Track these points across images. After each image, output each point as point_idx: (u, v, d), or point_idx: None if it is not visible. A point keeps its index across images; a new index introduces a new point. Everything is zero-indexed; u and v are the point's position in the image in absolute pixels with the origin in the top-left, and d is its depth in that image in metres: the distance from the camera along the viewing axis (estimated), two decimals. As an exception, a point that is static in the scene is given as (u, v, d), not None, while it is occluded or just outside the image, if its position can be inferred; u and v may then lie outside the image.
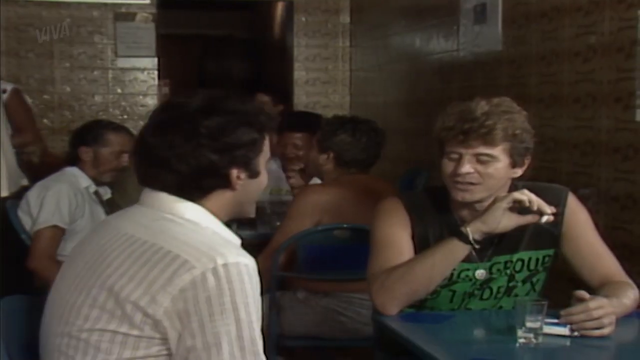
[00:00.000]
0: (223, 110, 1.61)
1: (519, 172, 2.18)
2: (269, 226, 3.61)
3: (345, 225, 2.97)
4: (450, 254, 2.11)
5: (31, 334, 1.74)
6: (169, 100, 1.66)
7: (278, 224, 3.41)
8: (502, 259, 2.22)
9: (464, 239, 2.08)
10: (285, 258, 3.05)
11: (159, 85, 6.27)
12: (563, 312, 1.96)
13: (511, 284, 2.24)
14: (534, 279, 2.27)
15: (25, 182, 4.15)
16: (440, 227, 2.24)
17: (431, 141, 2.26)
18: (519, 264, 2.23)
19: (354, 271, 2.68)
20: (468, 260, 2.19)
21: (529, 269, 2.25)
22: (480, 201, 2.17)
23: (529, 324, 1.90)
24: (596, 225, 2.29)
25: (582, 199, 2.32)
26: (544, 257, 2.26)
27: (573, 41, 3.35)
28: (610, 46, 3.11)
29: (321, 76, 6.46)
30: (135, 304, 1.46)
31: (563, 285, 2.37)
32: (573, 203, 2.26)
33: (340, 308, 3.05)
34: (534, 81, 3.66)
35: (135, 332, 1.47)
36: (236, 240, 1.62)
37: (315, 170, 3.32)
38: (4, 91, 4.21)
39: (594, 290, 2.15)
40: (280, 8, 7.52)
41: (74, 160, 3.50)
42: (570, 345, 1.95)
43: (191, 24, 8.86)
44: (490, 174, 2.12)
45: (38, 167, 4.32)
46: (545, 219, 2.07)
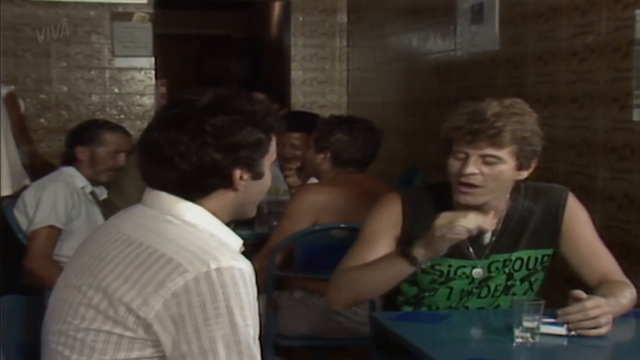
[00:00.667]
0: (230, 109, 1.60)
1: (525, 175, 2.18)
2: (266, 226, 3.61)
3: (342, 225, 2.97)
4: (397, 272, 2.11)
5: (27, 334, 1.74)
6: (178, 96, 1.65)
7: (275, 223, 3.41)
8: (501, 257, 2.22)
9: (411, 260, 2.07)
10: (282, 258, 3.05)
11: (156, 85, 6.26)
12: (560, 312, 1.96)
13: (509, 283, 2.25)
14: (532, 278, 2.28)
15: (27, 182, 4.15)
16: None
17: (429, 140, 2.26)
18: (518, 262, 2.23)
19: (351, 271, 2.68)
20: (465, 257, 2.19)
21: (527, 268, 2.25)
22: (484, 204, 2.17)
23: (526, 324, 1.90)
24: (593, 224, 2.30)
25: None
26: (542, 257, 2.26)
27: (570, 41, 3.36)
28: (607, 46, 3.11)
29: (318, 76, 6.45)
30: (128, 306, 1.46)
31: (561, 285, 2.38)
32: (573, 203, 2.27)
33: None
34: (531, 81, 3.66)
35: (129, 334, 1.47)
36: (235, 243, 1.62)
37: (312, 170, 3.32)
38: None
39: (591, 290, 2.15)
40: (277, 8, 7.52)
41: (70, 160, 3.49)
42: (567, 344, 1.95)
43: (188, 23, 8.85)
44: (494, 176, 2.12)
45: (27, 170, 4.32)
46: (487, 237, 2.08)
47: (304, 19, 6.41)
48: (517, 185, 2.21)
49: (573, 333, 1.96)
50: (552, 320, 1.97)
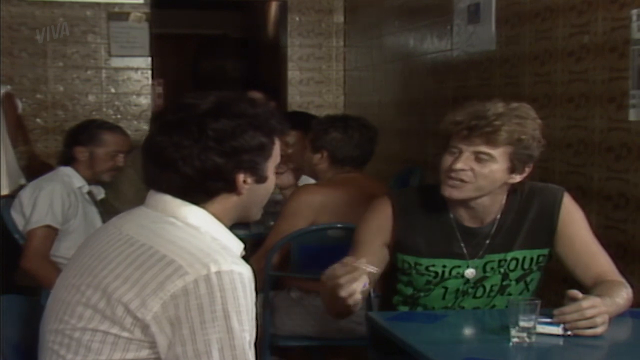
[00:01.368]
0: (232, 113, 1.59)
1: (517, 179, 2.17)
2: (262, 226, 3.61)
3: (339, 225, 2.97)
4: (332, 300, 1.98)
5: (24, 334, 1.74)
6: (180, 100, 1.64)
7: (272, 223, 3.41)
8: (496, 257, 2.22)
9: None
10: (279, 258, 3.05)
11: (152, 84, 6.25)
12: (556, 312, 1.96)
13: (505, 283, 2.25)
14: (528, 279, 2.28)
15: (23, 182, 4.15)
16: (433, 229, 2.24)
17: (425, 140, 2.26)
18: (513, 262, 2.23)
19: (348, 271, 2.68)
20: (459, 257, 2.19)
21: (523, 268, 2.25)
22: (471, 199, 2.17)
23: (522, 323, 1.90)
24: (589, 224, 2.30)
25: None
26: (538, 257, 2.26)
27: (566, 41, 3.36)
28: (603, 46, 3.11)
29: (315, 76, 6.45)
30: (126, 307, 1.46)
31: (556, 284, 2.38)
32: (568, 203, 2.27)
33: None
34: (528, 81, 3.67)
35: (125, 334, 1.46)
36: (237, 247, 1.61)
37: (310, 171, 3.30)
38: None
39: (587, 290, 2.16)
40: (274, 8, 7.52)
41: (68, 160, 3.48)
42: (563, 344, 1.95)
43: (185, 23, 8.84)
44: (484, 175, 2.12)
45: (24, 170, 4.32)
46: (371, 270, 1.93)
47: (301, 19, 6.41)
48: (514, 187, 2.21)
49: (569, 333, 1.96)
50: (548, 320, 1.97)
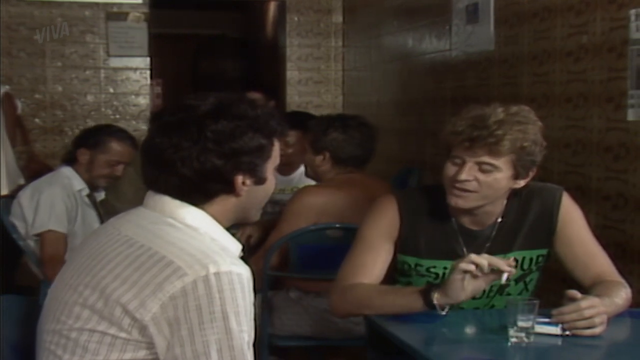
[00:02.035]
0: (232, 114, 1.59)
1: (522, 184, 2.17)
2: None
3: (338, 225, 2.97)
4: (410, 308, 2.05)
5: (22, 334, 1.74)
6: (180, 101, 1.64)
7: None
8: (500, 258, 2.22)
9: (429, 303, 2.00)
10: (278, 258, 3.05)
11: (151, 84, 6.25)
12: (555, 312, 1.96)
13: (507, 282, 2.25)
14: (527, 279, 2.28)
15: (22, 182, 4.14)
16: (435, 231, 2.24)
17: (424, 140, 2.26)
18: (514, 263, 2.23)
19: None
20: (460, 259, 2.19)
21: (522, 269, 2.26)
22: (475, 208, 2.17)
23: (521, 323, 1.91)
24: (588, 224, 2.30)
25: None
26: (537, 257, 2.26)
27: (565, 41, 3.36)
28: (601, 46, 3.12)
29: (314, 76, 6.45)
30: (124, 307, 1.45)
31: (555, 284, 2.38)
32: (567, 203, 2.27)
33: (328, 300, 3.04)
34: (526, 81, 3.67)
35: (123, 335, 1.46)
36: (235, 248, 1.61)
37: (313, 173, 3.28)
38: None
39: (586, 290, 2.16)
40: (272, 8, 7.52)
41: (71, 159, 3.47)
42: (562, 344, 1.95)
43: (184, 23, 8.84)
44: (489, 184, 2.11)
45: (23, 170, 4.32)
46: (505, 277, 1.95)
47: (299, 19, 6.41)
48: (514, 190, 2.21)
49: (567, 333, 1.96)
50: (547, 319, 1.98)
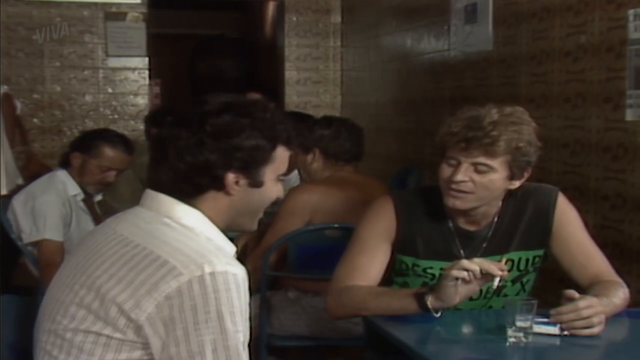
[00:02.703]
0: (236, 112, 1.59)
1: (517, 184, 2.17)
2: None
3: (336, 225, 2.97)
4: (405, 310, 2.05)
5: (19, 334, 1.74)
6: (198, 98, 1.65)
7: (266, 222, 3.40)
8: (492, 259, 2.22)
9: (423, 306, 1.99)
10: (276, 257, 3.05)
11: (149, 84, 6.25)
12: (553, 312, 1.96)
13: (500, 284, 2.24)
14: (524, 280, 2.28)
15: (20, 181, 4.14)
16: (431, 232, 2.24)
17: (422, 140, 2.26)
18: (509, 264, 2.23)
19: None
20: (456, 260, 2.19)
21: (518, 269, 2.25)
22: (472, 209, 2.17)
23: (519, 323, 1.90)
24: (586, 224, 2.30)
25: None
26: (534, 258, 2.26)
27: (563, 41, 3.36)
28: (600, 46, 3.12)
29: (312, 76, 6.45)
30: (120, 307, 1.45)
31: (553, 285, 2.38)
32: (563, 203, 2.27)
33: (325, 301, 3.04)
34: (525, 81, 3.67)
35: (118, 335, 1.46)
36: (231, 248, 1.61)
37: (305, 174, 3.28)
38: None
39: (584, 290, 2.16)
40: (271, 8, 7.52)
41: (65, 162, 3.46)
42: (560, 344, 1.95)
43: (182, 23, 8.84)
44: (484, 185, 2.11)
45: (22, 170, 4.31)
46: (497, 280, 1.95)
47: (298, 19, 6.41)
48: (510, 190, 2.21)
49: (566, 332, 1.96)
50: (545, 319, 1.97)
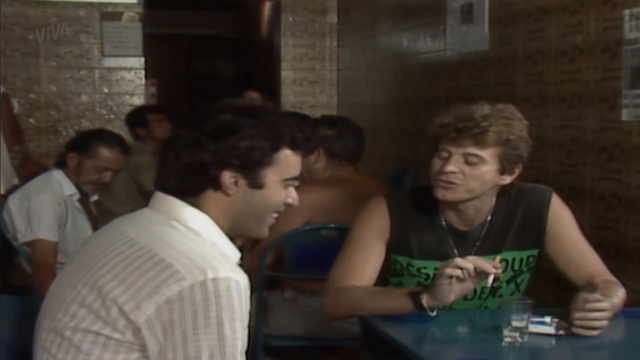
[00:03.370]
0: (239, 111, 1.58)
1: (508, 180, 2.18)
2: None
3: (333, 225, 2.97)
4: (401, 310, 2.06)
5: (16, 334, 1.73)
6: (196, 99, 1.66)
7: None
8: (486, 259, 2.22)
9: (419, 305, 2.00)
10: (273, 257, 3.05)
11: (146, 84, 6.24)
12: (577, 315, 1.95)
13: (495, 284, 2.25)
14: (518, 280, 2.28)
15: (16, 181, 4.13)
16: (425, 231, 2.24)
17: (419, 140, 2.26)
18: (503, 264, 2.23)
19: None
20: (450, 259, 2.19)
21: (513, 270, 2.26)
22: (463, 202, 2.17)
23: (515, 323, 1.91)
24: (581, 224, 2.31)
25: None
26: (528, 258, 2.27)
27: (559, 41, 3.37)
28: (596, 46, 3.12)
29: (308, 76, 6.45)
30: (120, 308, 1.45)
31: (548, 284, 2.39)
32: (556, 203, 2.27)
33: (321, 302, 3.04)
34: (521, 81, 3.67)
35: (117, 336, 1.45)
36: (235, 255, 1.60)
37: (307, 174, 3.28)
38: None
39: (580, 290, 2.16)
40: (267, 8, 7.51)
41: (62, 162, 3.45)
42: (556, 344, 1.96)
43: (178, 23, 8.83)
44: (474, 176, 2.12)
45: (19, 170, 4.30)
46: (491, 278, 1.96)
47: (294, 19, 6.41)
48: (504, 188, 2.21)
49: (561, 332, 1.97)
50: (541, 319, 1.98)
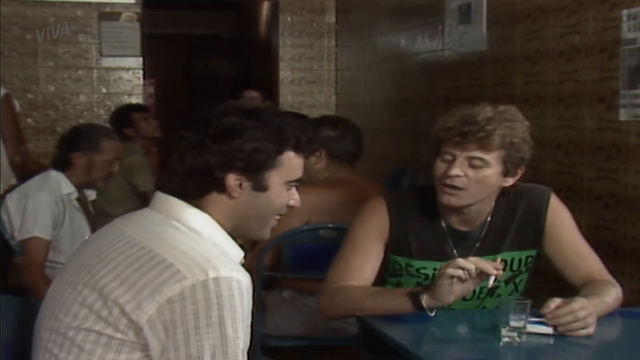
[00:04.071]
0: (243, 113, 1.58)
1: (510, 182, 2.18)
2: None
3: (331, 225, 2.97)
4: (400, 310, 2.06)
5: (14, 334, 1.73)
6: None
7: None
8: (485, 259, 2.22)
9: (418, 305, 2.00)
10: (274, 258, 3.05)
11: (144, 85, 6.24)
12: (549, 315, 1.96)
13: (494, 284, 2.25)
14: (517, 280, 2.28)
15: (14, 181, 4.12)
16: (424, 232, 2.24)
17: (417, 140, 2.26)
18: (502, 264, 2.23)
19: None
20: (450, 260, 2.19)
21: (511, 270, 2.26)
22: (467, 206, 2.17)
23: (513, 323, 1.91)
24: (579, 224, 2.31)
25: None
26: (526, 258, 2.27)
27: (557, 41, 3.37)
28: (594, 46, 3.12)
29: (307, 76, 6.45)
30: (122, 308, 1.45)
31: (546, 285, 2.39)
32: (555, 203, 2.27)
33: (318, 302, 3.04)
34: (519, 81, 3.67)
35: (119, 336, 1.46)
36: (237, 254, 1.60)
37: (307, 175, 3.28)
38: None
39: (577, 289, 2.16)
40: (265, 8, 7.51)
41: (62, 164, 3.44)
42: (554, 343, 1.96)
43: (176, 23, 8.82)
44: (479, 180, 2.12)
45: (18, 170, 4.30)
46: (492, 280, 1.96)
47: (292, 19, 6.41)
48: (503, 189, 2.22)
49: (559, 332, 1.97)
50: (538, 319, 1.98)
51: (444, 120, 2.16)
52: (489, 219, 2.24)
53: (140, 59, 6.12)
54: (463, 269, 1.93)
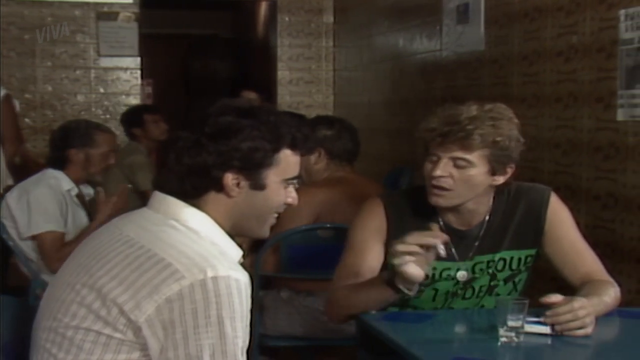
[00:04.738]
0: (239, 113, 1.58)
1: (500, 180, 2.17)
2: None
3: (329, 225, 2.97)
4: (385, 298, 2.07)
5: (12, 334, 1.73)
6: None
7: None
8: (485, 258, 2.22)
9: (395, 289, 2.01)
10: (275, 258, 3.05)
11: (142, 84, 6.24)
12: (548, 313, 1.96)
13: (493, 283, 2.25)
14: (516, 279, 2.28)
15: (10, 182, 4.12)
16: (422, 228, 2.23)
17: (415, 140, 2.26)
18: (501, 263, 2.24)
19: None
20: (449, 259, 2.19)
21: (511, 269, 2.26)
22: (457, 206, 2.17)
23: (511, 323, 1.91)
24: (578, 224, 2.31)
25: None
26: (526, 257, 2.27)
27: (555, 41, 3.37)
28: (591, 46, 3.13)
29: (304, 76, 6.45)
30: (120, 308, 1.45)
31: (545, 284, 2.39)
32: (555, 202, 2.27)
33: (323, 307, 3.05)
34: (516, 81, 3.68)
35: (118, 336, 1.46)
36: (236, 253, 1.60)
37: (306, 175, 3.28)
38: None
39: (575, 289, 2.16)
40: (263, 8, 7.51)
41: (59, 163, 3.44)
42: (552, 343, 1.96)
43: (174, 23, 8.82)
44: (464, 180, 2.12)
45: (18, 169, 4.30)
46: (441, 249, 1.95)
47: (290, 19, 6.41)
48: (501, 187, 2.21)
49: (557, 332, 1.97)
50: (536, 319, 1.98)
51: (427, 120, 2.16)
52: (487, 218, 2.24)
53: (138, 59, 6.12)
54: (408, 253, 1.92)
